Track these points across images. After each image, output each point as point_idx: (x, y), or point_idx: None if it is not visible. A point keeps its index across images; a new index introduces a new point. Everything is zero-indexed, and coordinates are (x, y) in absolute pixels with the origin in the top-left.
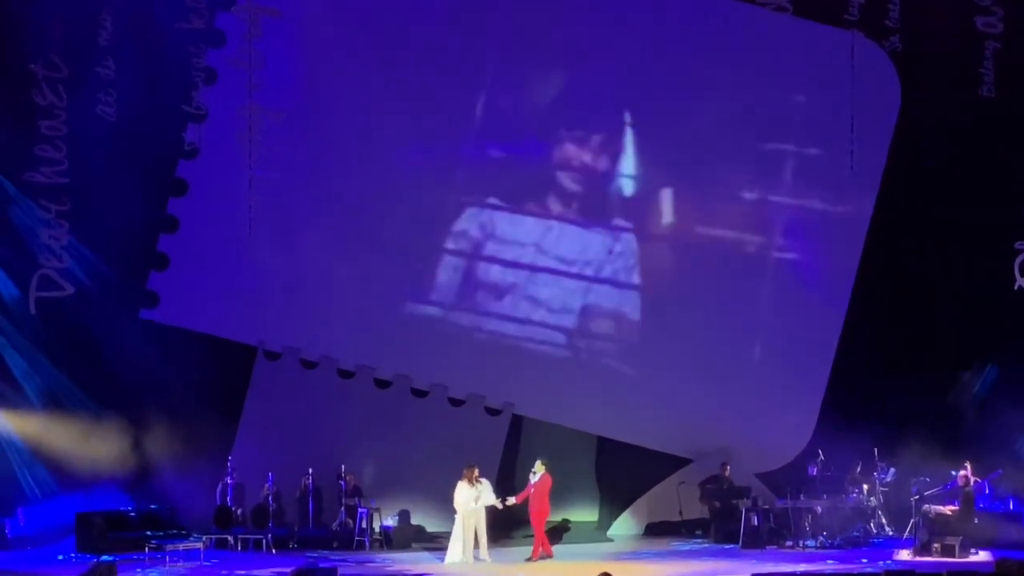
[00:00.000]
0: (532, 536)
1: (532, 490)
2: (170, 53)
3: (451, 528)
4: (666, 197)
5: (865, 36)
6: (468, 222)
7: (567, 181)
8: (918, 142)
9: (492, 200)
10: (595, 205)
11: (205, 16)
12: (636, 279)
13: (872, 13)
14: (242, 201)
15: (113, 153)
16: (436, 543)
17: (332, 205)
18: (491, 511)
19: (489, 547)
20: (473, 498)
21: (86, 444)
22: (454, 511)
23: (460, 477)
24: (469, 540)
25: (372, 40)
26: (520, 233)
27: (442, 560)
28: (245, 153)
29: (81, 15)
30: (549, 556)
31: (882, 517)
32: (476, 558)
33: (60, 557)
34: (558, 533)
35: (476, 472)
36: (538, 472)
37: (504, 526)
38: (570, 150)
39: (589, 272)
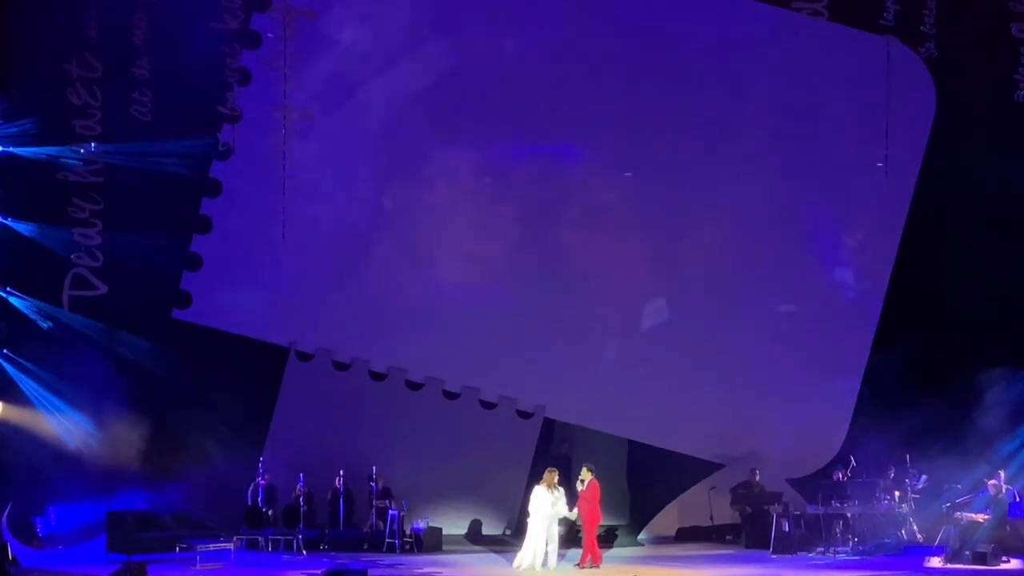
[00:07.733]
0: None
1: (581, 497)
2: (205, 53)
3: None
4: (696, 203)
5: (900, 42)
6: (499, 225)
7: (599, 189)
8: (953, 147)
9: (521, 202)
10: (625, 214)
11: (240, 16)
12: (668, 284)
13: (907, 19)
14: (275, 202)
15: (147, 152)
16: (466, 547)
17: (365, 207)
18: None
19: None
20: (550, 503)
21: (118, 443)
22: (525, 515)
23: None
24: (540, 547)
25: (406, 42)
26: (550, 238)
27: (509, 564)
28: (279, 154)
29: (116, 15)
30: (596, 565)
31: (913, 524)
32: (544, 565)
33: None
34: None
35: (556, 478)
36: (585, 480)
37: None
38: (602, 154)
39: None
